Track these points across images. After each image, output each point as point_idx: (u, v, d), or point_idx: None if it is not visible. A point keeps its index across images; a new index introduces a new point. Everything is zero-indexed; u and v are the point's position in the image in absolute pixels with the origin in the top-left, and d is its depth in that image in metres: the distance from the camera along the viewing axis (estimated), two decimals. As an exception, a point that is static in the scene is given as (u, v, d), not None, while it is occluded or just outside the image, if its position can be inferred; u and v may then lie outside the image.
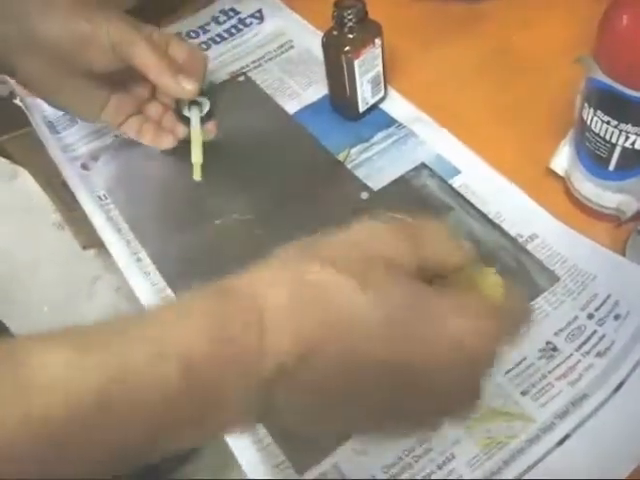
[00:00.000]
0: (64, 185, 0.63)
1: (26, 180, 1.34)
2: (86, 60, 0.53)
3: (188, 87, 0.54)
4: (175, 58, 0.57)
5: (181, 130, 0.60)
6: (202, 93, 0.57)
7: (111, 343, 0.27)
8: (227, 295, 0.29)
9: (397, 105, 0.63)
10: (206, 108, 0.59)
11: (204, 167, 0.58)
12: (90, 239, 1.41)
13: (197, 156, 0.58)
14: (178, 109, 0.59)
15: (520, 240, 0.51)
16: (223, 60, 0.71)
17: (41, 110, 0.67)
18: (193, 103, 0.58)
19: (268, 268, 0.30)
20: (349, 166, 0.58)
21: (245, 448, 0.43)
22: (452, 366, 0.30)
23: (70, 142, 0.66)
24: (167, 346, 0.27)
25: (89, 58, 0.53)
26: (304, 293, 0.29)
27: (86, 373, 0.26)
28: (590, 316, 0.46)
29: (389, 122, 0.61)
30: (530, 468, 0.41)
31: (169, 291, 0.53)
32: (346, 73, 0.58)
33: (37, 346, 0.26)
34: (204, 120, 0.59)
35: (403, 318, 0.29)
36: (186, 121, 0.59)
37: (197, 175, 0.57)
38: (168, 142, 0.61)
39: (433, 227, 0.34)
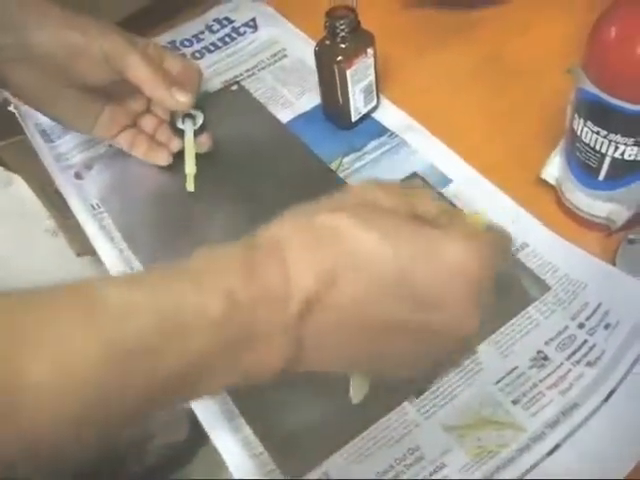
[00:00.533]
0: (58, 192, 0.63)
1: (20, 187, 1.34)
2: (80, 72, 0.53)
3: (182, 100, 0.54)
4: (169, 71, 0.57)
5: (175, 144, 0.60)
6: (196, 106, 0.57)
7: (158, 278, 0.30)
8: (252, 245, 0.32)
9: (389, 114, 0.63)
10: (200, 121, 0.59)
11: (197, 177, 0.58)
12: (84, 246, 1.40)
13: (190, 167, 0.58)
14: (172, 121, 0.59)
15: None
16: (217, 69, 0.71)
17: (35, 118, 0.67)
18: (187, 116, 0.59)
19: (284, 221, 0.34)
20: (341, 175, 0.59)
21: (236, 456, 0.43)
22: (457, 286, 0.33)
23: (64, 151, 0.66)
24: (210, 283, 0.30)
25: (83, 71, 0.53)
26: (320, 235, 0.32)
27: (139, 307, 0.28)
28: (581, 325, 0.46)
29: (381, 131, 0.62)
30: (521, 477, 0.41)
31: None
32: (338, 83, 0.58)
33: (97, 282, 0.29)
34: (198, 132, 0.59)
35: (410, 249, 0.32)
36: (180, 133, 0.59)
37: (190, 186, 0.57)
38: (162, 158, 0.61)
39: (420, 189, 0.39)
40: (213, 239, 0.55)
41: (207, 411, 0.45)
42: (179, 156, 0.60)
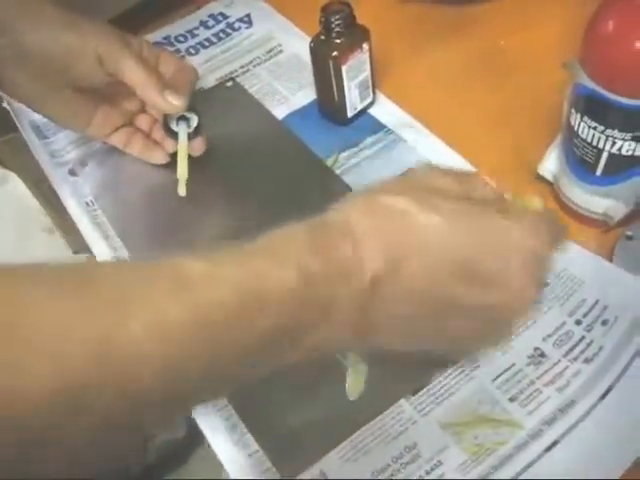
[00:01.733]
0: (52, 190, 0.63)
1: (16, 185, 1.33)
2: (74, 73, 0.53)
3: (175, 102, 0.54)
4: (164, 73, 0.57)
5: (169, 144, 0.59)
6: (191, 108, 0.57)
7: (234, 255, 0.31)
8: (323, 224, 0.34)
9: (386, 110, 0.63)
10: (194, 123, 0.58)
11: (190, 177, 0.56)
12: (81, 244, 1.40)
13: (182, 172, 0.56)
14: (166, 124, 0.58)
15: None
16: (211, 65, 0.70)
17: (28, 115, 0.67)
18: (181, 118, 0.57)
19: (352, 202, 0.36)
20: (337, 171, 0.58)
21: (232, 454, 0.43)
22: (520, 264, 0.35)
23: (58, 147, 0.65)
24: (286, 259, 0.31)
25: (77, 71, 0.53)
26: (388, 217, 0.34)
27: (223, 280, 0.30)
28: (578, 322, 0.46)
29: (378, 127, 0.61)
30: (518, 475, 0.41)
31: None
32: (334, 78, 0.58)
33: (181, 258, 0.30)
34: (192, 135, 0.58)
35: (475, 232, 0.35)
36: (174, 135, 0.58)
37: (182, 190, 0.56)
38: (158, 157, 0.60)
39: (474, 175, 0.42)
40: (208, 235, 0.55)
41: (203, 409, 0.45)
42: (174, 156, 0.59)
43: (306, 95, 0.65)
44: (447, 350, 0.41)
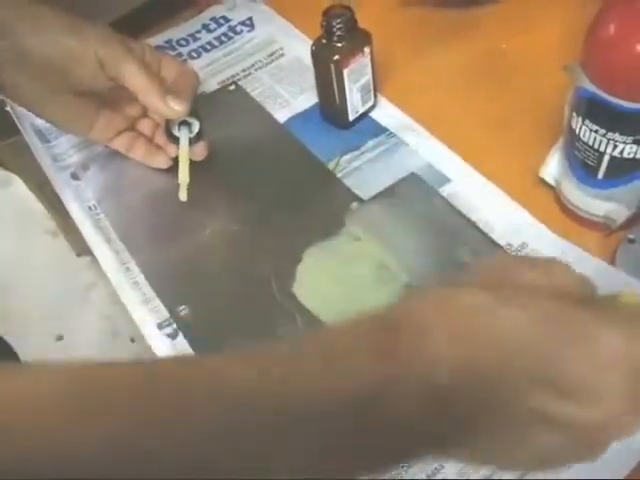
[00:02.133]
0: (55, 193, 0.63)
1: (20, 188, 1.34)
2: (75, 78, 0.53)
3: (177, 108, 0.54)
4: (165, 77, 0.57)
5: (171, 149, 0.59)
6: (192, 113, 0.56)
7: (287, 361, 0.29)
8: (390, 327, 0.30)
9: (387, 113, 0.62)
10: (196, 129, 0.57)
11: (192, 182, 0.56)
12: (84, 246, 1.40)
13: (184, 177, 0.56)
14: (168, 129, 0.58)
15: (510, 249, 0.51)
16: (213, 68, 0.70)
17: (31, 118, 0.67)
18: (183, 123, 0.57)
19: (423, 297, 0.32)
20: (339, 175, 0.58)
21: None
22: (617, 377, 0.29)
23: (60, 151, 0.65)
24: (342, 366, 0.28)
25: (78, 76, 0.53)
26: (462, 315, 0.30)
27: (260, 396, 0.27)
28: (579, 325, 0.46)
29: (379, 130, 0.61)
30: (521, 476, 0.40)
31: (158, 301, 0.52)
32: (335, 82, 0.58)
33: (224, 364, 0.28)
34: (194, 140, 0.58)
35: (559, 332, 0.29)
36: (176, 141, 0.58)
37: (183, 195, 0.55)
38: (161, 162, 0.60)
39: (559, 262, 0.34)
40: (209, 239, 0.55)
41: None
42: (177, 158, 0.59)
43: (308, 99, 0.65)
44: (529, 467, 0.35)
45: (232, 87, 0.68)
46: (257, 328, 0.50)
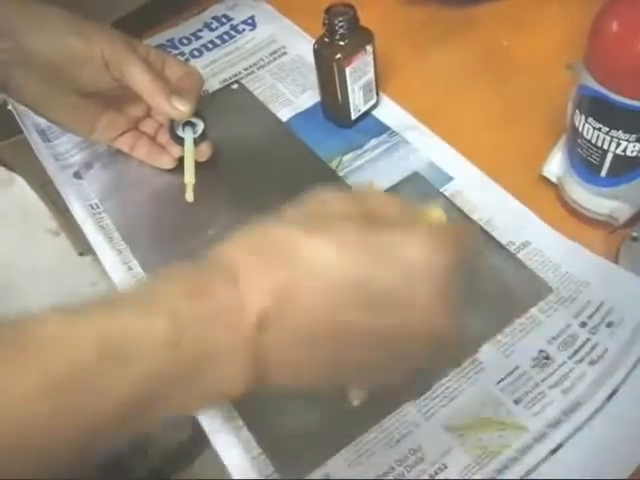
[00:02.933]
0: (58, 192, 0.63)
1: (22, 187, 1.34)
2: (79, 78, 0.53)
3: (182, 108, 0.54)
4: (170, 78, 0.57)
5: (175, 150, 0.59)
6: (197, 113, 0.56)
7: (100, 306, 0.30)
8: (203, 263, 0.32)
9: (389, 112, 0.62)
10: (200, 129, 0.57)
11: (197, 181, 0.56)
12: (86, 245, 1.40)
13: (190, 177, 0.56)
14: (172, 129, 0.58)
15: (512, 248, 0.51)
16: (215, 67, 0.71)
17: (33, 118, 0.67)
18: (187, 124, 0.57)
19: (235, 238, 0.33)
20: (341, 174, 0.58)
21: (235, 458, 0.43)
22: (422, 284, 0.32)
23: (62, 150, 0.65)
24: (154, 306, 0.30)
25: (82, 76, 0.53)
26: (272, 249, 0.32)
27: (79, 338, 0.28)
28: (583, 324, 0.46)
29: (381, 129, 0.61)
30: (522, 478, 0.40)
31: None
32: (337, 80, 0.58)
33: (37, 318, 0.29)
34: (198, 141, 0.57)
35: (366, 254, 0.32)
36: (180, 141, 0.57)
37: (190, 196, 0.55)
38: (165, 162, 0.60)
39: (372, 190, 0.38)
40: (213, 239, 0.55)
41: (207, 413, 0.45)
42: (180, 157, 0.59)
43: (310, 97, 0.65)
44: (356, 382, 0.38)
45: (235, 86, 0.68)
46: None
